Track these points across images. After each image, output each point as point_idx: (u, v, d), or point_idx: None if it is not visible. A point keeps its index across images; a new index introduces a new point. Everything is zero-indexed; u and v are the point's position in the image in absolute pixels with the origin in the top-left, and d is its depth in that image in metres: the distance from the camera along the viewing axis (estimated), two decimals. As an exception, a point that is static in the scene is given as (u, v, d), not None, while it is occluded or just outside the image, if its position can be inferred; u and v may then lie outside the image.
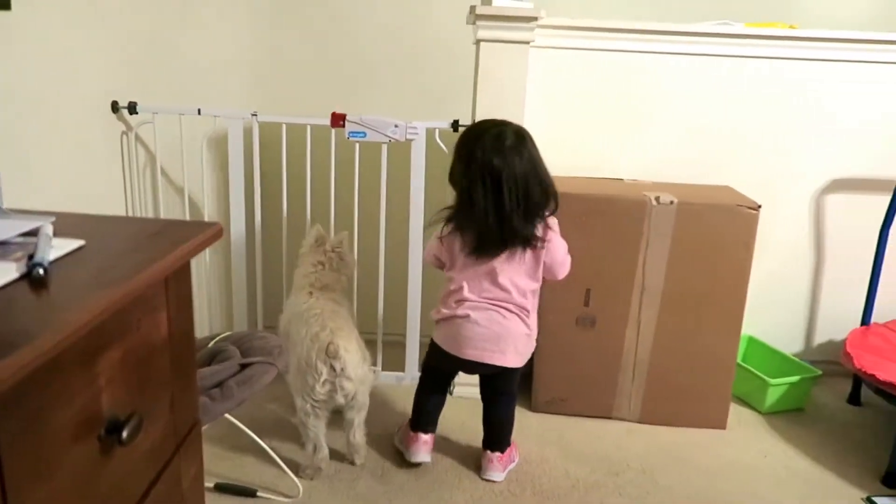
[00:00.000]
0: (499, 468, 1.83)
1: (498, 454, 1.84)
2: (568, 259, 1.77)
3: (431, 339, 1.83)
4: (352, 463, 1.84)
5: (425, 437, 1.85)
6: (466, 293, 1.70)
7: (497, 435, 1.85)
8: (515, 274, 1.69)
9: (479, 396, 1.88)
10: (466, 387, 2.14)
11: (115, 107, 1.98)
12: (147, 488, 0.79)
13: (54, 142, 1.70)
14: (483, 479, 1.83)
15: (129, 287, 0.67)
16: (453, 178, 1.71)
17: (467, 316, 1.69)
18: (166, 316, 0.82)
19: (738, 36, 2.19)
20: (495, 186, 1.61)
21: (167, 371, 0.83)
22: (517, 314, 1.71)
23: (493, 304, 1.70)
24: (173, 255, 0.77)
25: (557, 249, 1.73)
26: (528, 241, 1.66)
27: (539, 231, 1.68)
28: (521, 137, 1.65)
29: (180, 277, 0.85)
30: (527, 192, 1.63)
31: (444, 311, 1.74)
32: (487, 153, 1.61)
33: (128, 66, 2.01)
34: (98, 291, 0.64)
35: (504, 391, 1.84)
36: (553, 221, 1.73)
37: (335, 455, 1.85)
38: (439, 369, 1.86)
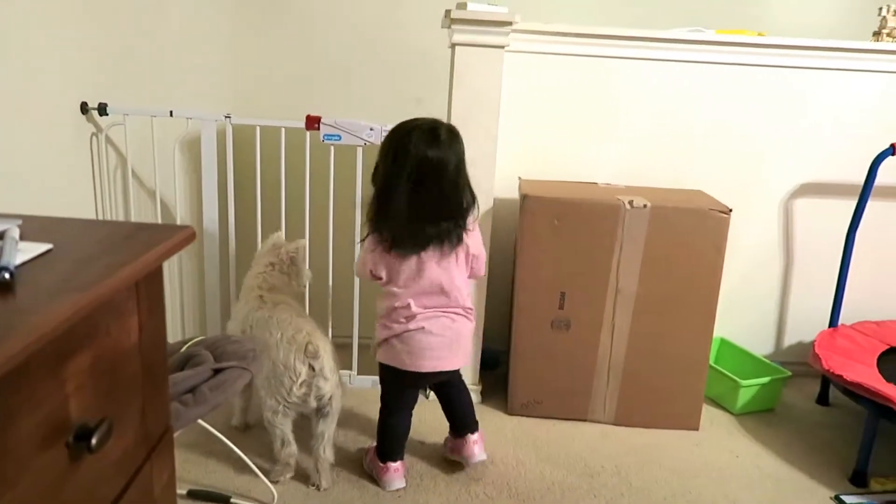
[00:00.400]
0: (482, 447, 1.85)
1: (477, 434, 1.86)
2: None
3: (382, 366, 1.77)
4: (317, 488, 1.76)
5: (396, 465, 1.80)
6: (415, 308, 1.68)
7: (467, 416, 1.87)
8: (456, 276, 1.69)
9: None
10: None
11: (84, 108, 1.95)
12: (117, 495, 0.78)
13: (21, 143, 1.66)
14: (471, 464, 1.84)
15: (98, 291, 0.65)
16: (376, 177, 1.66)
17: (422, 328, 1.67)
18: (137, 321, 0.81)
19: (709, 42, 2.22)
20: (426, 178, 1.58)
21: (138, 376, 0.82)
22: (463, 315, 1.73)
23: (443, 312, 1.70)
24: (144, 258, 0.76)
25: (483, 251, 1.77)
26: (458, 236, 1.66)
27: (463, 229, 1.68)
28: (454, 134, 1.64)
29: (152, 281, 0.84)
30: (457, 186, 1.63)
31: (395, 326, 1.70)
32: (421, 146, 1.58)
33: (98, 66, 1.97)
34: (66, 296, 0.63)
35: (456, 381, 1.86)
36: (475, 223, 1.73)
37: (302, 476, 1.83)
38: (399, 393, 1.80)
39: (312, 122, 2.06)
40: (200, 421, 1.45)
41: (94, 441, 0.66)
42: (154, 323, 0.85)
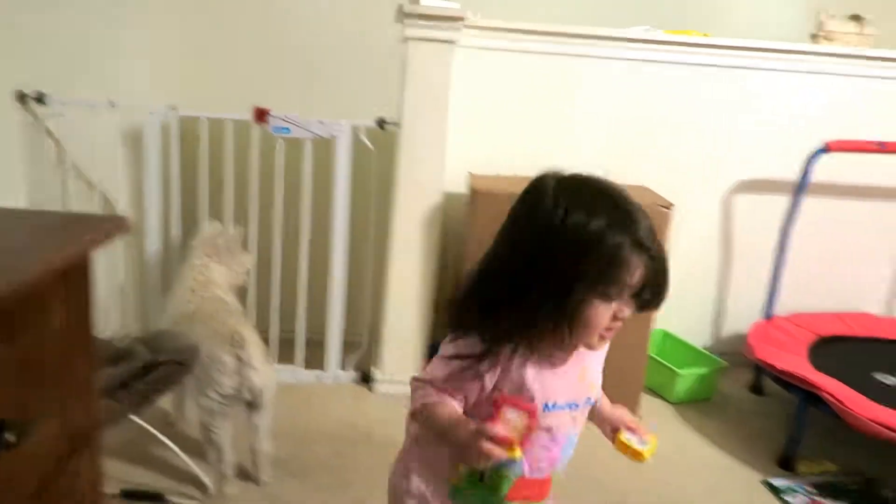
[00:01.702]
0: None
1: None
2: None
3: None
4: (256, 482, 1.73)
5: None
6: None
7: None
8: None
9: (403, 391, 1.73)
10: (385, 384, 2.17)
11: (21, 96, 1.88)
12: (39, 493, 0.76)
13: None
14: None
15: (18, 283, 0.64)
16: None
17: None
18: (64, 313, 0.79)
19: (655, 42, 2.28)
20: None
21: (63, 371, 0.80)
22: None
23: None
24: (73, 249, 0.75)
25: None
26: None
27: None
28: None
29: (80, 273, 0.83)
30: None
31: None
32: None
33: (37, 54, 1.91)
34: (-15, 287, 0.61)
35: None
36: None
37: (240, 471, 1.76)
38: None
39: (261, 115, 2.03)
40: (134, 417, 1.42)
41: (11, 437, 0.65)
42: (82, 316, 0.84)
